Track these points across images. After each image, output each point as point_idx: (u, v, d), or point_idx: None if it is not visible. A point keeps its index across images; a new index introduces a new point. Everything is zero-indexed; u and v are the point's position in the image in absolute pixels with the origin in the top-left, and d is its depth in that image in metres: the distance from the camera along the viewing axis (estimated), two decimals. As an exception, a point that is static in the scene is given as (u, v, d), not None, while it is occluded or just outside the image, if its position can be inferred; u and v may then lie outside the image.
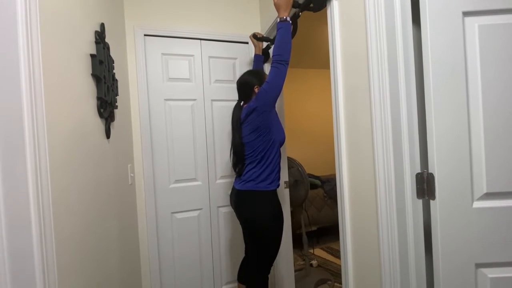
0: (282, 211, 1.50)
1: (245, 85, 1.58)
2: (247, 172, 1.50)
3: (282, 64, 1.35)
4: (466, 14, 0.91)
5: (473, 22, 0.91)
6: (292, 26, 1.42)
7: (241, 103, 1.61)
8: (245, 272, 1.68)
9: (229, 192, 2.06)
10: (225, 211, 2.08)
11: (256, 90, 1.54)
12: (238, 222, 2.10)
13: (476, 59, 0.91)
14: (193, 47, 2.00)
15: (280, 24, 1.35)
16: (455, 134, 0.92)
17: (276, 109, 1.60)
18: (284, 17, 1.35)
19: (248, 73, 1.62)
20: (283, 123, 1.93)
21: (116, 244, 1.30)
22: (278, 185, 1.52)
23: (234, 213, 2.09)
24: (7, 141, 0.62)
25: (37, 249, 0.65)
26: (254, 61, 1.89)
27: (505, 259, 0.92)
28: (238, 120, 1.55)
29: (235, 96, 2.10)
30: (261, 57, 1.87)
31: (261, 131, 1.44)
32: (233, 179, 2.09)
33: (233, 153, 1.59)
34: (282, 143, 1.54)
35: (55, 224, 0.72)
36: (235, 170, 1.61)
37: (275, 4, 1.39)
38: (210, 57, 2.04)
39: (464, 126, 0.92)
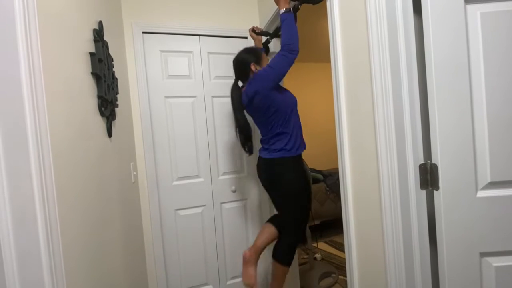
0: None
1: (241, 63, 1.57)
2: (274, 143, 1.50)
3: (292, 53, 1.35)
4: (468, 1, 0.90)
5: (475, 10, 0.90)
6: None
7: (239, 83, 1.60)
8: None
9: (232, 188, 2.07)
10: (228, 207, 2.09)
11: (252, 67, 1.53)
12: (240, 219, 2.11)
13: (478, 48, 0.90)
14: (191, 43, 1.98)
15: (284, 15, 1.35)
16: (458, 124, 0.91)
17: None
18: (287, 9, 1.35)
19: (244, 51, 1.61)
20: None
21: (121, 242, 1.30)
22: (305, 146, 1.55)
23: (234, 210, 2.10)
24: (11, 142, 0.62)
25: (44, 249, 0.65)
26: None
27: (510, 247, 0.92)
28: (239, 101, 1.55)
29: (235, 91, 2.09)
30: (263, 50, 1.86)
31: (272, 109, 1.45)
32: (235, 175, 2.10)
33: (239, 132, 1.59)
34: (295, 107, 1.54)
35: (61, 224, 0.73)
36: (244, 149, 1.64)
37: None
38: (209, 53, 2.03)
39: (467, 115, 0.91)
